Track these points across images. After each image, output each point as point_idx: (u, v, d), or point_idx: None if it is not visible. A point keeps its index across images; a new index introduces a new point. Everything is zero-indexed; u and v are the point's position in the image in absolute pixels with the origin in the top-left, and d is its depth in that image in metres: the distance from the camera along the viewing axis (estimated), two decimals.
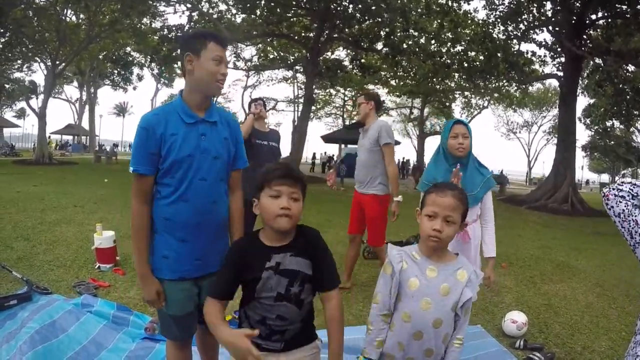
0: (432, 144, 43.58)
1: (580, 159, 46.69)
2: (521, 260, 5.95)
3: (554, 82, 23.78)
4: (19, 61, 23.21)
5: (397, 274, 1.50)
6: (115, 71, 33.47)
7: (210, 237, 1.72)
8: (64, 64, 19.95)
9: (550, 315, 3.80)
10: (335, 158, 27.55)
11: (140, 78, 35.02)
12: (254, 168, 3.58)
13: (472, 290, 1.50)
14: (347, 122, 34.14)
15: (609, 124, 23.89)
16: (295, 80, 31.01)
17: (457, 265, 1.54)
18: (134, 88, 36.70)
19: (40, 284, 3.41)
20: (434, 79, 19.04)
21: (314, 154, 31.72)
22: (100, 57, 27.76)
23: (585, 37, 15.57)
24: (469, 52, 17.37)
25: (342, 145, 24.37)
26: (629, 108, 18.25)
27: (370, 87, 20.11)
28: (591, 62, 16.52)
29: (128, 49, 27.37)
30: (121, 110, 54.61)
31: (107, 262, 4.09)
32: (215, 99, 1.87)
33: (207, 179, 1.67)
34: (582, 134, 54.97)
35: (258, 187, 1.47)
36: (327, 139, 25.00)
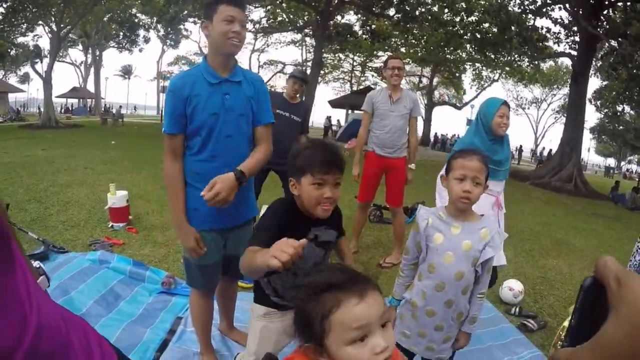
0: (440, 113, 43.28)
1: (588, 141, 46.20)
2: (521, 233, 6.07)
3: (567, 61, 23.33)
4: (23, 26, 22.85)
5: (422, 229, 1.65)
6: (121, 33, 32.97)
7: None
8: (69, 27, 19.68)
9: (545, 287, 3.94)
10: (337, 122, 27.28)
11: (146, 40, 34.51)
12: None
13: (494, 249, 1.61)
14: (354, 88, 33.67)
15: (619, 108, 23.46)
16: (304, 44, 30.45)
17: (481, 225, 1.65)
18: (140, 50, 36.07)
19: (56, 243, 3.54)
20: (445, 48, 18.64)
21: (329, 117, 28.49)
22: (106, 19, 27.31)
23: (602, 17, 15.12)
24: (483, 23, 16.94)
25: (349, 111, 24.13)
26: None
27: (380, 53, 19.79)
28: (606, 44, 16.09)
29: (134, 10, 26.86)
30: (127, 72, 54.07)
31: (120, 221, 4.23)
32: (239, 60, 1.94)
33: (232, 136, 1.79)
34: (592, 116, 54.01)
35: (299, 169, 1.44)
36: (335, 103, 24.74)
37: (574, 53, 16.14)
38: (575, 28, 16.04)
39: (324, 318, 0.85)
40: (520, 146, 33.28)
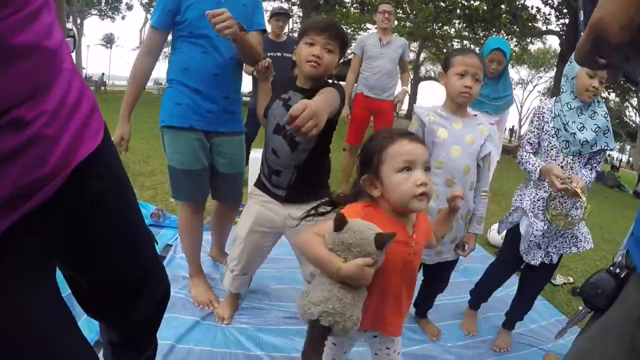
0: (426, 88, 43.31)
1: None
2: (506, 194, 6.20)
3: (554, 44, 23.48)
4: None
5: (428, 123, 1.64)
6: (103, 0, 31.98)
7: (223, 92, 1.82)
8: None
9: None
10: None
11: (129, 7, 33.49)
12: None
13: (492, 144, 1.65)
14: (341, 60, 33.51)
15: (604, 95, 23.79)
16: (291, 14, 29.92)
17: (478, 121, 1.70)
18: (123, 18, 34.88)
19: None
20: (434, 24, 18.58)
21: None
22: None
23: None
24: (473, 1, 16.87)
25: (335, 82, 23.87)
26: (626, 82, 18.10)
27: (369, 25, 19.58)
28: None
29: None
30: (109, 41, 52.44)
31: None
32: None
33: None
34: None
35: (298, 36, 1.60)
36: None
37: (563, 33, 16.21)
38: (565, 10, 16.07)
39: (381, 150, 1.09)
40: (513, 126, 33.88)
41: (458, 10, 17.24)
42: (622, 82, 18.63)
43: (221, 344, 1.74)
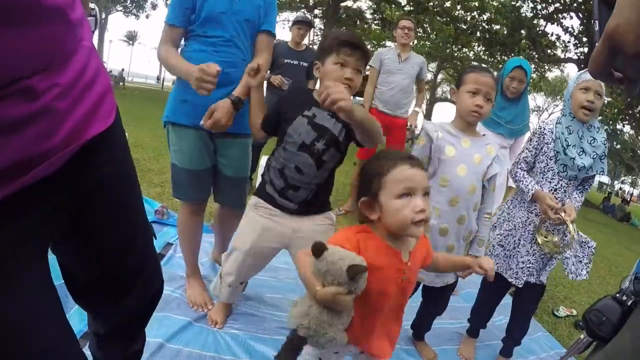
0: (441, 109, 43.12)
1: None
2: None
3: (572, 72, 23.29)
4: None
5: (436, 140, 1.61)
6: None
7: (230, 92, 1.74)
8: None
9: None
10: None
11: (153, 6, 34.04)
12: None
13: (500, 166, 1.63)
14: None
15: (619, 126, 23.50)
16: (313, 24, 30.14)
17: (486, 141, 1.67)
18: (147, 16, 35.43)
19: None
20: (454, 45, 18.59)
21: None
22: None
23: None
24: (494, 24, 16.87)
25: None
26: None
27: (389, 43, 19.65)
28: None
29: None
30: (131, 38, 53.29)
31: None
32: None
33: (235, 37, 1.75)
34: None
35: (324, 50, 1.53)
36: None
37: (581, 62, 16.16)
38: (584, 39, 16.03)
39: (381, 175, 1.09)
40: None
41: (478, 33, 17.24)
42: (638, 114, 18.46)
43: (211, 347, 1.72)
